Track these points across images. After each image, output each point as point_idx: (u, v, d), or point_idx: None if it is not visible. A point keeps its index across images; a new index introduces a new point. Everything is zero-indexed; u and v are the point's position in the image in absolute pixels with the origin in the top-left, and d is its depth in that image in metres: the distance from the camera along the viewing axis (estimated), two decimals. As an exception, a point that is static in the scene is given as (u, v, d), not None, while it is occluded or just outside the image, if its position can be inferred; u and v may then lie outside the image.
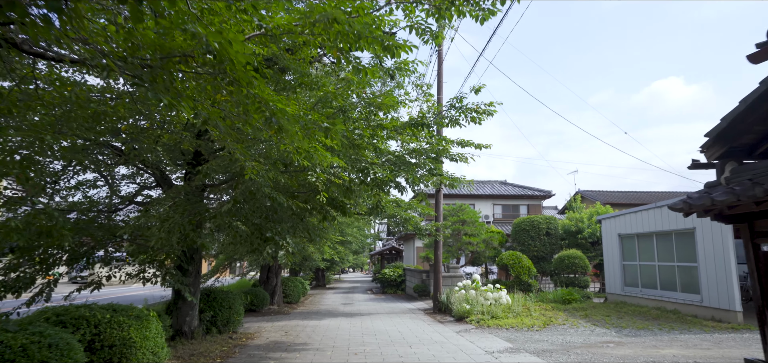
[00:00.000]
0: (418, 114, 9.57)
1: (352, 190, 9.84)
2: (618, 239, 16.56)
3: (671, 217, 13.72)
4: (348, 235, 30.95)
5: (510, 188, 37.15)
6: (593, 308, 14.87)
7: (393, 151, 9.90)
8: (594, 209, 22.48)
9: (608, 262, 17.19)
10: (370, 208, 9.34)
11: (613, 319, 12.64)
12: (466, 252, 23.20)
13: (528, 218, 22.97)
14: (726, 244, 11.67)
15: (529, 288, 18.17)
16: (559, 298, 16.14)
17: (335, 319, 14.83)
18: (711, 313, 12.17)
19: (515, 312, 13.97)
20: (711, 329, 10.88)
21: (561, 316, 13.35)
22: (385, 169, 8.42)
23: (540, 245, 22.30)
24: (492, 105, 8.97)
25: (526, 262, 18.52)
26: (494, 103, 8.96)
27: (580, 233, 21.94)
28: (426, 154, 9.02)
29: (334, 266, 37.45)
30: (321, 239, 18.26)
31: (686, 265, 13.23)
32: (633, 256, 15.80)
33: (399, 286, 26.60)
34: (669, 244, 13.97)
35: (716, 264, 11.97)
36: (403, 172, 8.30)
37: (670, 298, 13.81)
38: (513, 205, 35.96)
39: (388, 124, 8.97)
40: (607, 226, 17.24)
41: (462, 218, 21.99)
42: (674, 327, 11.28)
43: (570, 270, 18.89)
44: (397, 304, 19.33)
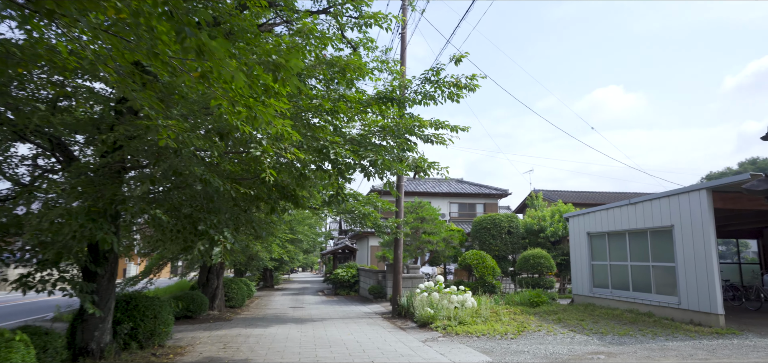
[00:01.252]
0: (385, 88, 8.09)
1: (306, 176, 8.20)
2: (587, 238, 15.80)
3: (646, 214, 12.99)
4: (299, 233, 29.11)
5: (467, 186, 36.48)
6: (564, 311, 13.95)
7: (357, 134, 8.39)
8: (556, 207, 21.89)
9: (576, 261, 16.43)
10: (327, 200, 7.74)
11: (589, 324, 11.69)
12: (425, 251, 22.01)
13: (489, 216, 22.08)
14: (708, 243, 10.97)
15: (494, 289, 17.16)
16: (526, 301, 15.16)
17: (284, 326, 13.10)
18: (689, 316, 11.46)
19: (484, 317, 12.79)
20: (696, 335, 10.09)
21: (533, 321, 12.29)
22: (348, 150, 6.89)
23: (501, 244, 21.44)
24: (474, 79, 7.63)
25: (491, 262, 17.50)
26: (477, 76, 7.62)
27: (542, 232, 21.26)
28: (396, 133, 7.52)
29: (284, 266, 35.37)
30: (269, 236, 16.43)
31: (663, 265, 12.52)
32: (603, 256, 15.06)
33: (352, 287, 25.06)
34: (643, 242, 13.25)
35: (697, 264, 11.25)
36: (371, 153, 6.78)
37: (643, 300, 13.08)
38: (469, 203, 35.28)
39: (353, 97, 7.44)
40: (575, 224, 16.47)
41: (421, 215, 20.77)
42: (656, 332, 10.42)
43: (535, 270, 18.05)
44: (351, 308, 17.80)
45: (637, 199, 13.33)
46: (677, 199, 11.88)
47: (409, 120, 8.05)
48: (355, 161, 6.73)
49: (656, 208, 12.62)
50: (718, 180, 10.86)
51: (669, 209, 12.15)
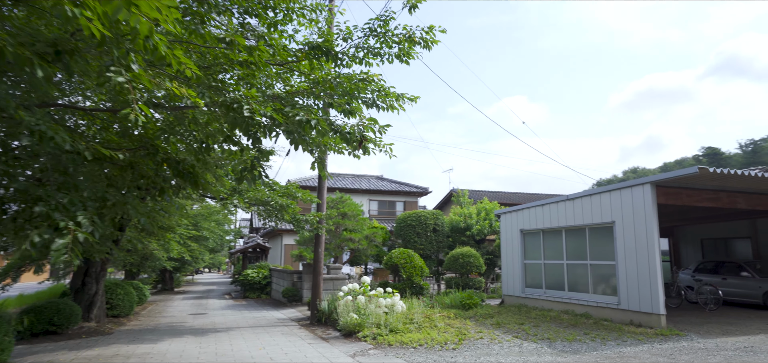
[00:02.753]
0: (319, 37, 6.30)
1: (209, 148, 6.18)
2: (520, 236, 15.07)
3: (586, 210, 12.39)
4: (204, 230, 26.06)
5: (386, 184, 35.36)
6: (499, 314, 12.99)
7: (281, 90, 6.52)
8: (482, 205, 21.26)
9: (507, 261, 15.66)
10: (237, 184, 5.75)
11: (531, 329, 10.73)
12: (345, 250, 20.33)
13: (414, 213, 20.91)
14: (651, 240, 10.45)
15: (422, 291, 15.92)
16: (458, 303, 14.05)
17: (179, 339, 10.73)
18: (629, 316, 10.91)
19: (417, 323, 11.39)
20: (643, 337, 9.43)
21: (471, 327, 11.10)
22: (270, 108, 5.03)
23: (426, 242, 20.36)
24: (432, 31, 6.10)
25: (419, 262, 16.25)
26: (435, 29, 6.09)
27: (469, 230, 20.50)
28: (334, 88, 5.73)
29: (186, 266, 31.84)
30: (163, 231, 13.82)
31: (602, 263, 11.95)
32: (537, 254, 14.38)
33: (264, 289, 22.70)
34: (581, 240, 12.66)
35: (639, 262, 10.72)
36: (302, 111, 4.97)
37: (580, 301, 12.47)
38: (389, 201, 34.19)
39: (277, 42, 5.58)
40: (508, 221, 15.72)
41: (343, 211, 19.08)
42: (604, 336, 9.65)
43: (464, 270, 17.10)
44: (263, 313, 15.63)
45: (576, 194, 12.72)
46: (619, 194, 11.33)
47: (352, 75, 6.30)
48: (280, 121, 4.89)
49: (596, 204, 12.04)
50: (663, 174, 10.39)
51: (610, 205, 11.59)
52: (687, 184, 11.03)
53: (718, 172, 9.62)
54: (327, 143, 6.79)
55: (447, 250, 21.36)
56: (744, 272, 14.38)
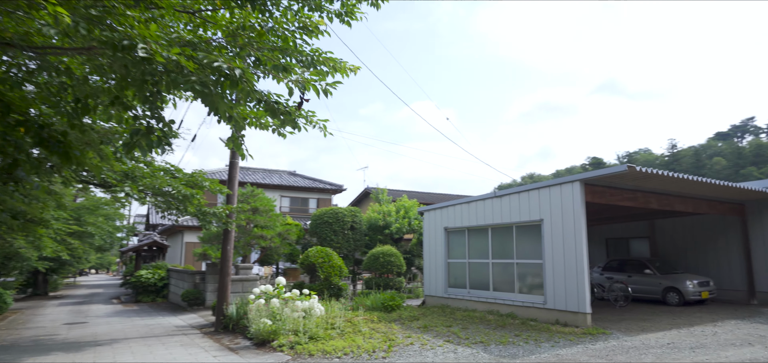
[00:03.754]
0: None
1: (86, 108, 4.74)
2: (444, 234, 14.60)
3: (514, 208, 12.16)
4: (88, 225, 22.78)
5: (299, 180, 33.78)
6: (424, 316, 12.35)
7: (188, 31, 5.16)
8: (401, 202, 20.71)
9: (430, 260, 15.14)
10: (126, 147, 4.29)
11: (460, 331, 10.16)
12: (255, 248, 18.68)
13: (331, 209, 19.80)
14: (579, 238, 10.37)
15: (340, 292, 14.87)
16: (379, 305, 13.20)
17: (44, 358, 8.68)
18: (555, 316, 10.77)
19: (339, 328, 10.35)
20: (573, 337, 9.23)
21: (398, 331, 10.29)
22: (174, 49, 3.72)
23: (343, 241, 19.34)
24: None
25: (337, 261, 15.19)
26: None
27: (387, 228, 19.83)
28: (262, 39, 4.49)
29: (65, 267, 27.86)
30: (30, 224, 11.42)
31: (529, 262, 11.76)
32: (461, 253, 13.98)
33: (160, 292, 20.22)
34: (508, 238, 12.41)
35: (566, 261, 10.61)
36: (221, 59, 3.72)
37: (505, 300, 12.20)
38: (302, 197, 32.68)
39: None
40: (431, 219, 15.20)
41: (254, 205, 17.46)
42: (535, 337, 9.31)
43: (385, 270, 16.33)
44: (158, 320, 13.61)
45: (504, 191, 12.47)
46: (548, 192, 11.18)
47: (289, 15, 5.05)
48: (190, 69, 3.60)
49: (524, 202, 11.84)
50: (593, 172, 10.37)
51: (539, 202, 11.42)
52: (611, 183, 11.17)
53: (645, 171, 9.73)
54: (247, 116, 5.54)
55: (364, 248, 20.53)
56: (647, 270, 15.16)
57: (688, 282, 14.01)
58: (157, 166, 10.43)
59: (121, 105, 4.73)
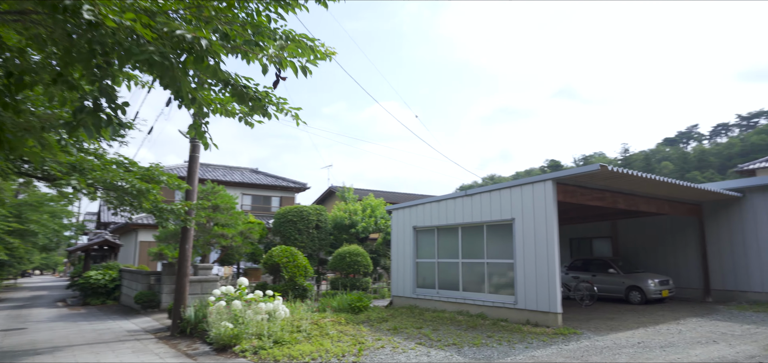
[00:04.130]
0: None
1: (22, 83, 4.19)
2: (412, 233, 14.33)
3: (485, 207, 12.00)
4: (30, 223, 21.28)
5: (262, 177, 32.85)
6: (393, 317, 12.02)
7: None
8: (368, 201, 20.32)
9: (398, 259, 14.84)
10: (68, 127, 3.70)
11: (432, 333, 9.88)
12: (215, 247, 17.87)
13: (295, 208, 19.19)
14: (550, 237, 10.30)
15: (305, 293, 14.34)
16: (346, 306, 12.78)
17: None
18: (526, 316, 10.67)
19: (306, 331, 9.87)
20: (545, 337, 9.12)
21: (367, 334, 9.92)
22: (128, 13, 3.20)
23: (308, 240, 18.78)
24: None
25: (303, 261, 14.65)
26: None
27: (353, 227, 19.40)
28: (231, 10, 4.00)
29: (5, 268, 25.97)
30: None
31: (500, 261, 11.63)
32: (430, 253, 13.74)
33: (111, 294, 19.04)
34: (479, 238, 12.25)
35: (537, 260, 10.52)
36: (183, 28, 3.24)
37: (475, 301, 12.04)
38: (265, 196, 31.78)
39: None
40: (400, 218, 14.89)
41: (215, 203, 16.68)
42: (508, 338, 9.15)
43: (351, 269, 15.90)
44: (108, 324, 12.69)
45: (475, 190, 12.30)
46: (520, 191, 11.08)
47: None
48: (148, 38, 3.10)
49: (496, 201, 11.70)
50: (565, 171, 10.33)
51: (510, 201, 11.31)
52: (582, 183, 11.19)
53: (616, 171, 9.75)
54: (211, 102, 5.03)
55: (329, 248, 20.03)
56: (611, 269, 15.41)
57: (650, 281, 14.30)
58: (108, 159, 9.64)
59: (66, 84, 4.13)
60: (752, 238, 14.31)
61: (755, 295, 14.15)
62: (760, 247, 14.11)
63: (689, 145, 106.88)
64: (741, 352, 8.02)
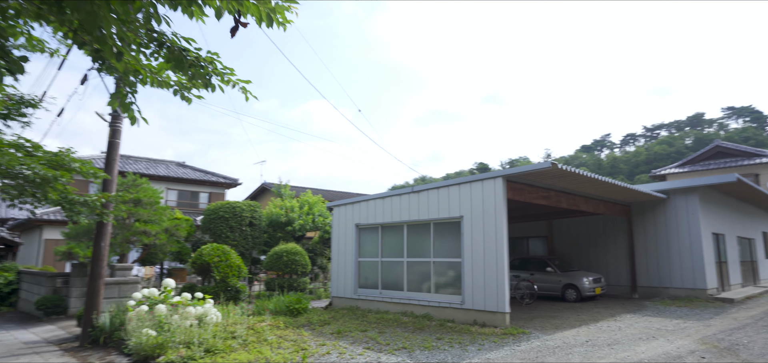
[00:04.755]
0: None
1: None
2: (355, 231, 13.72)
3: (432, 204, 11.66)
4: None
5: (190, 171, 30.75)
6: (335, 320, 11.35)
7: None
8: (305, 198, 19.43)
9: (339, 258, 14.17)
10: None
11: (379, 336, 9.34)
12: (136, 246, 16.21)
13: (228, 203, 17.91)
14: (500, 236, 10.13)
15: (239, 295, 13.29)
16: (284, 308, 11.94)
17: None
18: (473, 316, 10.44)
19: (241, 338, 8.97)
20: (496, 338, 8.89)
21: (310, 339, 9.19)
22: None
23: (241, 238, 17.59)
24: None
25: (236, 260, 13.58)
26: None
27: (290, 225, 18.45)
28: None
29: None
30: None
31: (447, 260, 11.33)
32: (374, 252, 13.21)
33: (5, 299, 16.70)
34: (425, 236, 11.88)
35: (486, 259, 10.32)
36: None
37: (420, 301, 11.66)
38: (192, 191, 29.76)
39: None
40: (341, 215, 14.23)
41: (137, 196, 15.09)
42: (458, 340, 8.81)
43: (289, 269, 14.99)
44: (0, 335, 10.92)
45: (422, 187, 11.94)
46: (469, 188, 10.83)
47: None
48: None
49: (444, 198, 11.39)
50: (516, 168, 10.21)
51: (459, 198, 11.04)
52: (531, 181, 11.16)
53: (565, 169, 9.76)
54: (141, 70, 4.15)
55: (263, 247, 18.94)
56: (548, 268, 15.73)
57: (585, 279, 14.72)
58: (6, 142, 8.19)
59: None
60: (674, 237, 15.17)
61: (675, 291, 15.01)
62: (680, 245, 14.99)
63: (603, 153, 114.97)
64: (681, 346, 8.22)
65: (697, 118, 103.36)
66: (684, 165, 32.84)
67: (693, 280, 14.63)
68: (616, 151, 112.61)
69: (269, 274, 18.46)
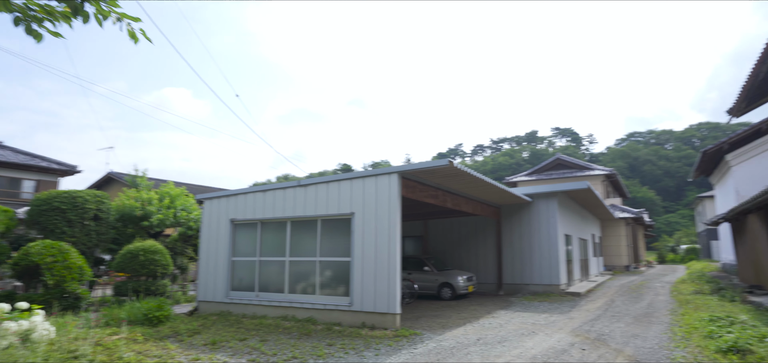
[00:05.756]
0: None
1: None
2: (230, 227, 12.26)
3: (321, 199, 10.85)
4: None
5: (10, 154, 25.40)
6: (206, 328, 9.90)
7: None
8: (166, 190, 17.07)
9: (208, 258, 12.55)
10: None
11: (262, 345, 8.26)
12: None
13: (65, 193, 14.86)
14: (393, 235, 9.74)
15: (79, 302, 10.96)
16: (141, 317, 10.10)
17: None
18: (362, 318, 9.90)
19: (87, 358, 7.21)
20: (390, 341, 8.44)
21: (178, 353, 7.77)
22: None
23: (82, 234, 14.73)
24: None
25: (77, 260, 11.19)
26: None
27: (147, 219, 16.02)
28: None
29: None
30: None
31: (335, 260, 10.60)
32: (251, 250, 11.92)
33: None
34: (311, 234, 11.01)
35: (378, 258, 9.85)
36: None
37: (303, 304, 10.77)
38: (13, 177, 24.68)
39: None
40: (214, 209, 12.63)
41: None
42: (352, 345, 8.18)
43: (147, 271, 12.85)
44: None
45: (310, 181, 11.05)
46: (362, 183, 10.27)
47: None
48: None
49: (334, 193, 10.67)
50: (411, 164, 9.92)
51: (351, 194, 10.41)
52: (423, 179, 11.01)
53: (460, 168, 9.75)
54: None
55: (110, 244, 16.20)
56: (426, 267, 15.95)
57: (460, 278, 15.20)
58: None
59: None
60: (536, 238, 16.51)
61: (535, 287, 16.33)
62: (541, 245, 16.36)
63: (455, 160, 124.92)
64: (561, 340, 8.67)
65: (533, 135, 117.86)
66: (532, 174, 36.70)
67: (549, 277, 16.04)
68: (467, 159, 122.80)
69: (112, 276, 15.81)
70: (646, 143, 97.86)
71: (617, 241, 29.97)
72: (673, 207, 75.48)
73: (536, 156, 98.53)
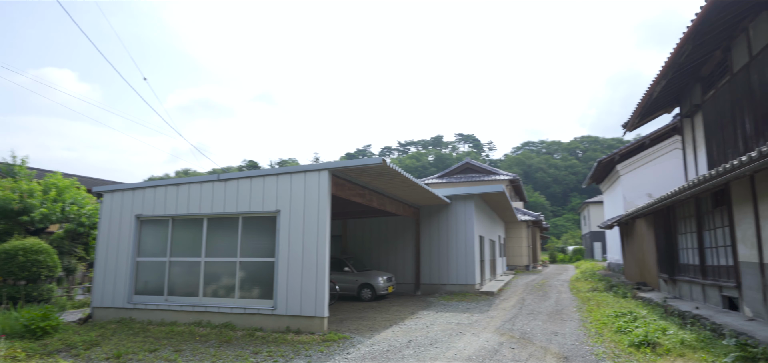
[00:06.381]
0: None
1: None
2: (135, 224, 10.94)
3: (243, 195, 10.04)
4: None
5: None
6: (105, 339, 8.68)
7: None
8: (53, 181, 14.91)
9: (108, 259, 11.10)
10: None
11: (178, 356, 7.39)
12: None
13: None
14: (322, 235, 9.24)
15: (-62, 313, 9.08)
16: (20, 329, 8.62)
17: None
18: (287, 322, 9.33)
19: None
20: (321, 345, 8.00)
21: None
22: None
23: (-61, 231, 12.34)
24: None
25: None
26: None
27: (27, 214, 13.85)
28: None
29: None
30: None
31: (258, 260, 9.86)
32: (160, 250, 10.74)
33: None
34: (232, 232, 10.15)
35: (305, 259, 9.32)
36: None
37: (221, 308, 9.90)
38: None
39: None
40: (115, 203, 11.20)
41: None
42: (281, 352, 7.61)
43: (29, 274, 11.01)
44: None
45: (232, 175, 10.20)
46: (289, 179, 9.68)
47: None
48: None
49: (258, 189, 9.94)
50: (344, 162, 9.52)
51: (276, 191, 9.76)
52: (352, 177, 10.65)
53: (393, 168, 9.56)
54: None
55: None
56: (346, 268, 15.62)
57: (380, 278, 15.09)
58: None
59: None
60: (453, 239, 16.91)
61: (451, 287, 16.73)
62: (457, 246, 16.79)
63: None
64: (489, 339, 8.82)
65: (438, 139, 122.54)
66: (442, 177, 37.89)
67: (465, 277, 16.51)
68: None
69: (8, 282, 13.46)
70: (538, 152, 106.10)
71: (519, 242, 31.93)
72: (560, 211, 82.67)
73: (441, 160, 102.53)
